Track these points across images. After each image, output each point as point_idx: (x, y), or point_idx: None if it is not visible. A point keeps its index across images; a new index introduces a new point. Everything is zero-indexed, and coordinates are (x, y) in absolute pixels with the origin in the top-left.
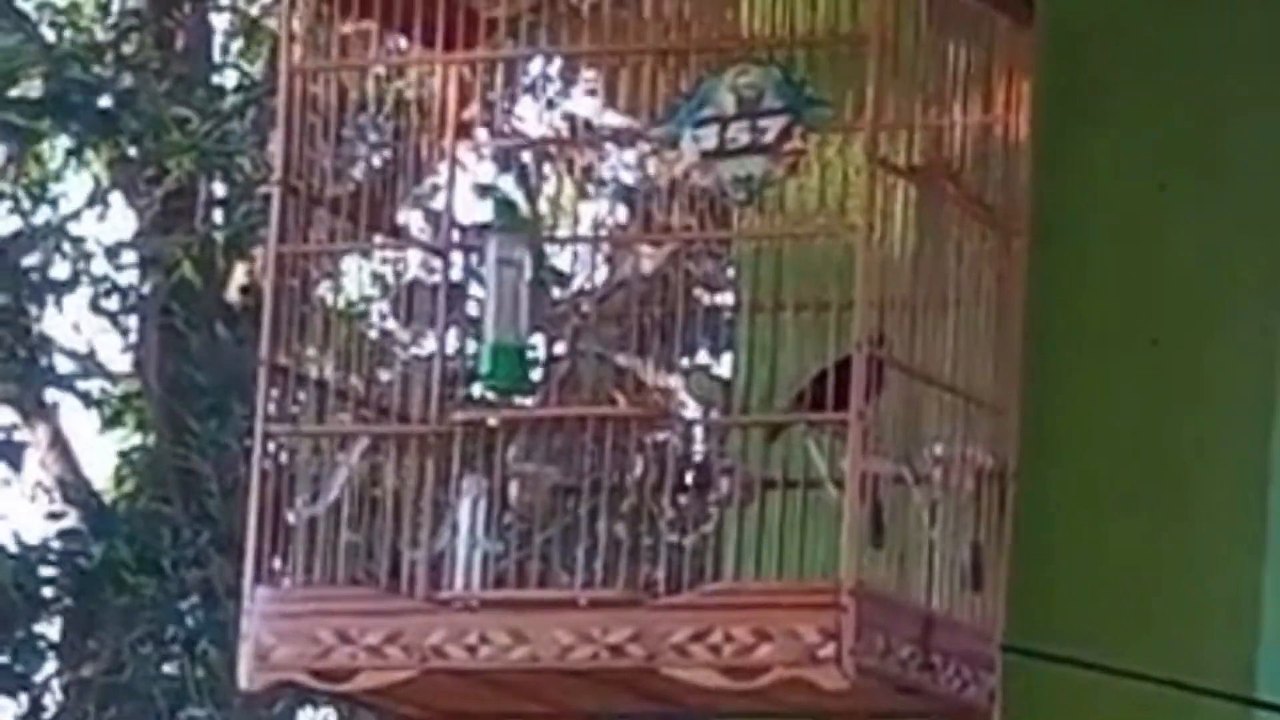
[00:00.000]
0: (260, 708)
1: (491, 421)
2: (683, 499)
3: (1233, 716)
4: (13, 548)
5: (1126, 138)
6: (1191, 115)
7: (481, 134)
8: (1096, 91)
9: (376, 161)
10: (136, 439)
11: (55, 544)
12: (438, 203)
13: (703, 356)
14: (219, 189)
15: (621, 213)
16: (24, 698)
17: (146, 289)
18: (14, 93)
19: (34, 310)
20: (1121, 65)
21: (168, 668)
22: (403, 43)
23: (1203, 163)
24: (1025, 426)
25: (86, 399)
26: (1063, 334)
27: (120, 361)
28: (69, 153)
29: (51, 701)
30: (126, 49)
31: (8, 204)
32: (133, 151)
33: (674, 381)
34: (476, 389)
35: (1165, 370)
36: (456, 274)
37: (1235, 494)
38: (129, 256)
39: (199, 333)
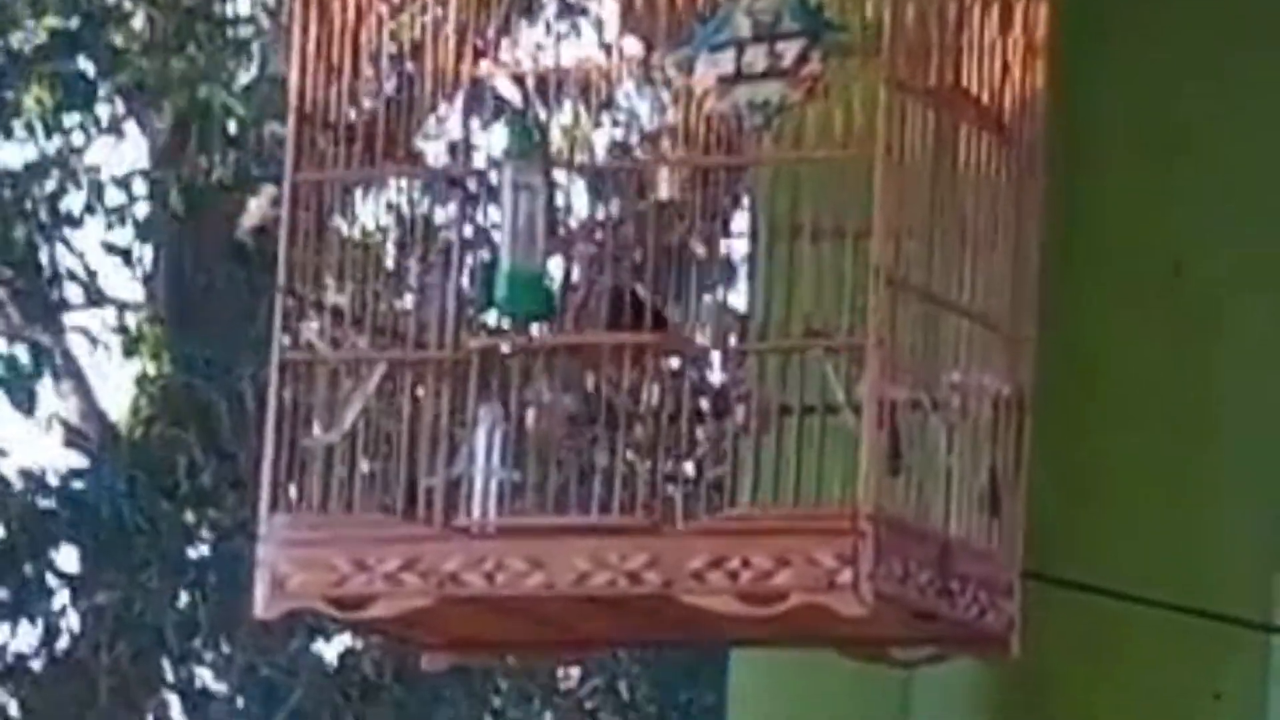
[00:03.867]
0: (272, 640)
1: (507, 349)
2: (699, 426)
3: (1253, 643)
4: (26, 480)
5: (1146, 60)
6: (1212, 37)
7: (495, 61)
8: (1116, 12)
9: (390, 90)
10: (151, 368)
11: (69, 475)
12: (452, 130)
13: (718, 283)
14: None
15: (636, 139)
16: (40, 626)
17: (154, 219)
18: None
19: (43, 243)
20: None
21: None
22: None
23: (1223, 86)
24: (1047, 352)
25: (93, 334)
26: (1083, 259)
27: (133, 291)
28: (67, 100)
29: (66, 630)
30: None
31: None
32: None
33: (690, 308)
34: (493, 316)
35: (1188, 296)
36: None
37: (1258, 420)
38: (140, 187)
39: (208, 265)
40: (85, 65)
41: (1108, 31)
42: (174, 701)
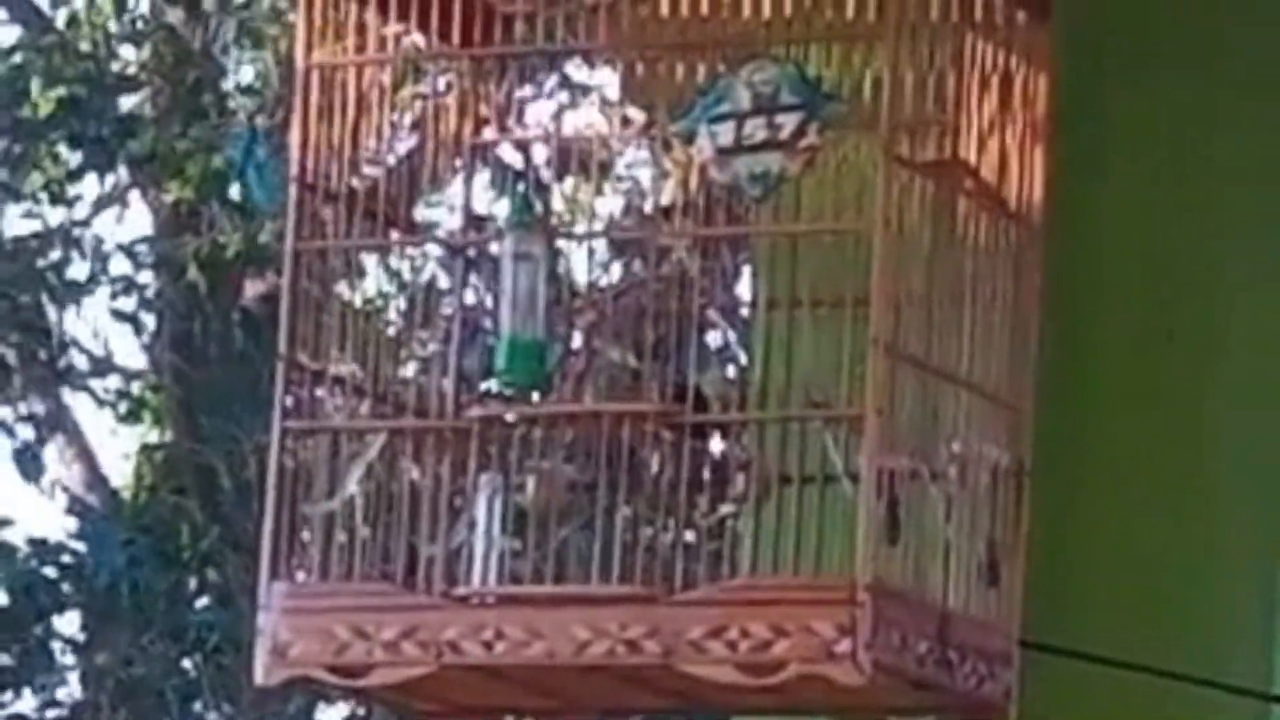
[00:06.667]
0: (274, 704)
1: (508, 417)
2: (699, 495)
3: (1252, 712)
4: (30, 546)
5: (1141, 128)
6: (1209, 107)
7: (497, 130)
8: (1113, 83)
9: (393, 159)
10: (154, 436)
11: (72, 541)
12: (454, 199)
13: (717, 353)
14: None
15: (637, 209)
16: (41, 692)
17: (160, 288)
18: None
19: (52, 311)
20: (1135, 58)
21: (184, 663)
22: (419, 39)
23: (1219, 155)
24: (1043, 422)
25: (101, 399)
26: (1080, 328)
27: (137, 359)
28: (74, 171)
29: (67, 696)
30: (142, 54)
31: (25, 205)
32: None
33: (689, 378)
34: (493, 385)
35: (1182, 364)
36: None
37: (1255, 489)
38: (146, 255)
39: (213, 334)
40: (93, 135)
41: (1105, 102)
42: None
